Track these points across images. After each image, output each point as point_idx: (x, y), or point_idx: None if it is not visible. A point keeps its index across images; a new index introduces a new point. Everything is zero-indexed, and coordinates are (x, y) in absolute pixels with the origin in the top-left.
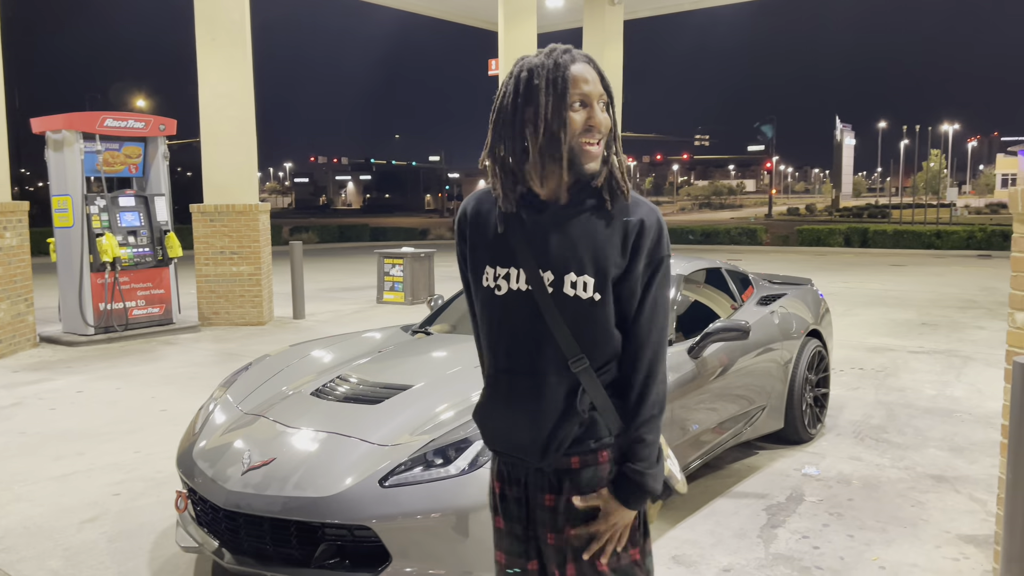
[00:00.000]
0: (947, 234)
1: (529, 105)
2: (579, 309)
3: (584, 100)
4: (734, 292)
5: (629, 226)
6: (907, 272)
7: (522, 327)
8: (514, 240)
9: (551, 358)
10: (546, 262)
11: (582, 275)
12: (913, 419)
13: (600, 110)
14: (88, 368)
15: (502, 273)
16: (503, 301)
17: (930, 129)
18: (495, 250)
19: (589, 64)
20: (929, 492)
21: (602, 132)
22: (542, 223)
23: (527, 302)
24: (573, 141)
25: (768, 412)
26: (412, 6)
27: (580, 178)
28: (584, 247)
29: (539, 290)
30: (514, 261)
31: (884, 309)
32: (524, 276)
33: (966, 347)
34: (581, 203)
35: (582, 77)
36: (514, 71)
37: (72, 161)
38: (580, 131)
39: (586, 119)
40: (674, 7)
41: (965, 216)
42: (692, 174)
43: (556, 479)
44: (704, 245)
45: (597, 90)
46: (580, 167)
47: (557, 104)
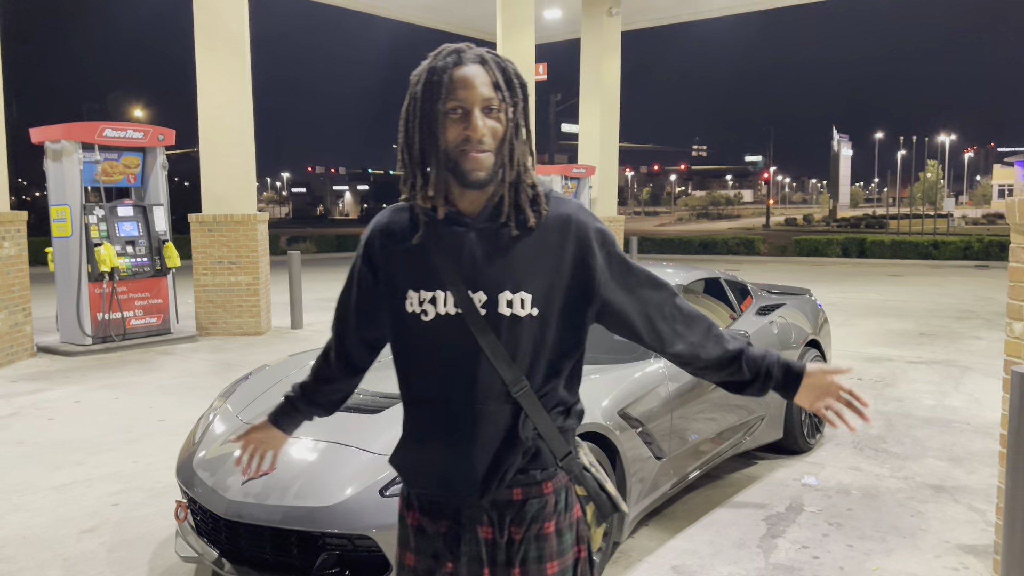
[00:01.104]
0: (944, 244)
1: (413, 113)
2: (516, 328)
3: (462, 107)
4: (733, 302)
5: (568, 230)
6: (905, 282)
7: (455, 354)
8: (438, 260)
9: (489, 385)
10: (476, 282)
11: (518, 292)
12: (912, 429)
13: (482, 116)
14: (86, 378)
15: (427, 297)
16: (431, 327)
17: (927, 140)
18: (417, 272)
19: (481, 65)
20: (928, 502)
21: (486, 142)
22: (468, 240)
23: (458, 327)
24: (451, 150)
25: (767, 422)
26: (410, 17)
27: (477, 187)
28: (518, 261)
29: (470, 313)
30: (440, 283)
31: (882, 319)
32: (452, 299)
33: (964, 357)
34: (505, 215)
35: (462, 81)
36: (411, 79)
37: (71, 171)
38: (457, 140)
39: (463, 127)
40: (671, 18)
41: (962, 227)
42: (690, 184)
43: (496, 513)
44: (702, 255)
45: (481, 94)
46: (465, 176)
47: (429, 112)
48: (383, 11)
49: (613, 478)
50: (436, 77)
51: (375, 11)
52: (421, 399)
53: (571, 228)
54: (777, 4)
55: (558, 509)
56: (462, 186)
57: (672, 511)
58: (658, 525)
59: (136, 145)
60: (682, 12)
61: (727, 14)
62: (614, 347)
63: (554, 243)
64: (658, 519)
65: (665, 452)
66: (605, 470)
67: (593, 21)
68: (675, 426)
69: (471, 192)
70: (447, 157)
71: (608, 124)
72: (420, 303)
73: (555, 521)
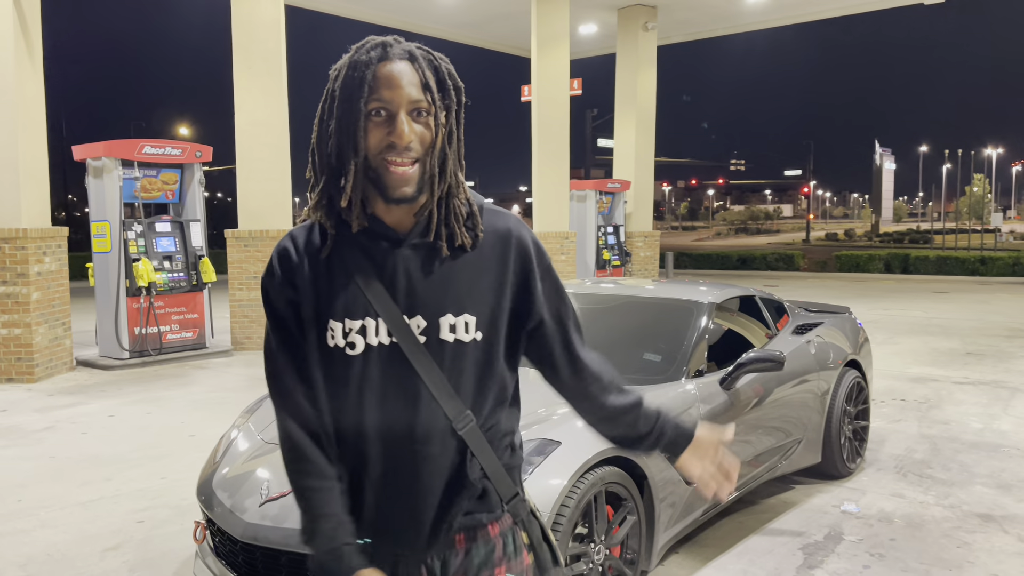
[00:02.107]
0: (992, 260)
1: (329, 113)
2: (461, 356)
3: (386, 108)
4: (768, 321)
5: (508, 244)
6: (950, 299)
7: (390, 390)
8: (365, 283)
9: (431, 422)
10: (413, 306)
11: (461, 314)
12: (958, 454)
13: (410, 120)
14: (121, 392)
15: (355, 327)
16: (361, 361)
17: (972, 153)
18: (339, 299)
19: (410, 61)
20: (976, 532)
21: (413, 149)
22: (400, 259)
23: (393, 358)
24: (372, 157)
25: (805, 445)
26: (445, 34)
27: (404, 203)
28: (458, 280)
29: (408, 341)
30: (369, 310)
31: (927, 337)
32: (386, 327)
33: (1013, 378)
34: (433, 232)
35: (387, 79)
36: (330, 73)
37: (111, 188)
38: (379, 147)
39: (387, 132)
40: (707, 32)
41: (1010, 242)
42: (728, 199)
43: (439, 562)
44: (740, 271)
45: (408, 95)
46: (388, 192)
47: (348, 112)
48: (420, 28)
49: (641, 504)
50: (358, 73)
51: (412, 28)
52: (353, 443)
53: (512, 243)
54: (814, 17)
55: (507, 553)
56: (385, 201)
57: (704, 538)
58: (689, 553)
59: (174, 162)
60: (718, 26)
61: (764, 27)
62: (642, 367)
63: (494, 259)
64: (689, 546)
65: None
66: (632, 496)
67: (628, 36)
68: None
69: (398, 207)
70: (367, 165)
71: (643, 138)
72: (345, 335)
73: (505, 567)
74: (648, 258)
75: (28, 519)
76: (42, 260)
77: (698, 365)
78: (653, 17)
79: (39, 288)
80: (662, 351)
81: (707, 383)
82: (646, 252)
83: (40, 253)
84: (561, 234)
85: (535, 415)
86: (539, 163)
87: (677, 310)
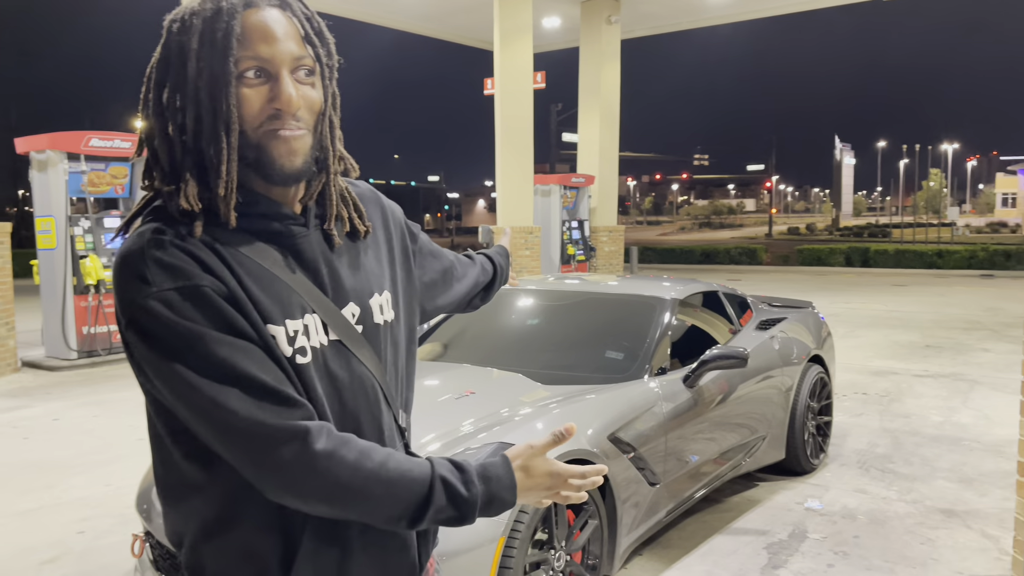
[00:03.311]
0: (949, 253)
1: (181, 77)
2: (390, 339)
3: (265, 67)
4: (732, 316)
5: (385, 211)
6: (909, 292)
7: (347, 397)
8: (288, 277)
9: (389, 424)
10: (342, 293)
11: (383, 292)
12: (920, 447)
13: (295, 81)
14: (68, 394)
15: (298, 328)
16: (314, 370)
17: (930, 148)
18: (271, 300)
19: (281, 8)
20: (939, 528)
21: (302, 118)
22: (314, 244)
23: (338, 359)
24: (253, 134)
25: (769, 442)
26: (406, 26)
27: (292, 182)
28: (367, 257)
29: (348, 334)
30: (305, 307)
31: (887, 331)
32: (322, 323)
33: (972, 370)
34: (333, 209)
35: (262, 29)
36: (165, 24)
37: (56, 182)
38: (260, 118)
39: (268, 98)
40: (672, 26)
41: (967, 235)
42: (692, 194)
43: None
44: (704, 265)
45: (291, 51)
46: (273, 166)
47: (212, 76)
48: (380, 20)
49: (603, 507)
50: (221, 22)
51: (372, 20)
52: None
53: (388, 213)
54: (775, 12)
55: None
56: (267, 181)
57: (668, 539)
58: (652, 555)
59: (123, 155)
60: (682, 20)
61: (727, 22)
62: (604, 366)
63: (379, 229)
64: (653, 548)
65: (660, 476)
66: (593, 499)
67: (592, 29)
68: (671, 448)
69: (280, 188)
70: (245, 142)
71: (608, 133)
72: (291, 339)
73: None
74: (613, 253)
75: None
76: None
77: (661, 363)
78: (616, 11)
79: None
80: (625, 349)
81: (670, 381)
82: (611, 247)
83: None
84: (526, 229)
85: (497, 416)
86: (503, 157)
87: (640, 306)
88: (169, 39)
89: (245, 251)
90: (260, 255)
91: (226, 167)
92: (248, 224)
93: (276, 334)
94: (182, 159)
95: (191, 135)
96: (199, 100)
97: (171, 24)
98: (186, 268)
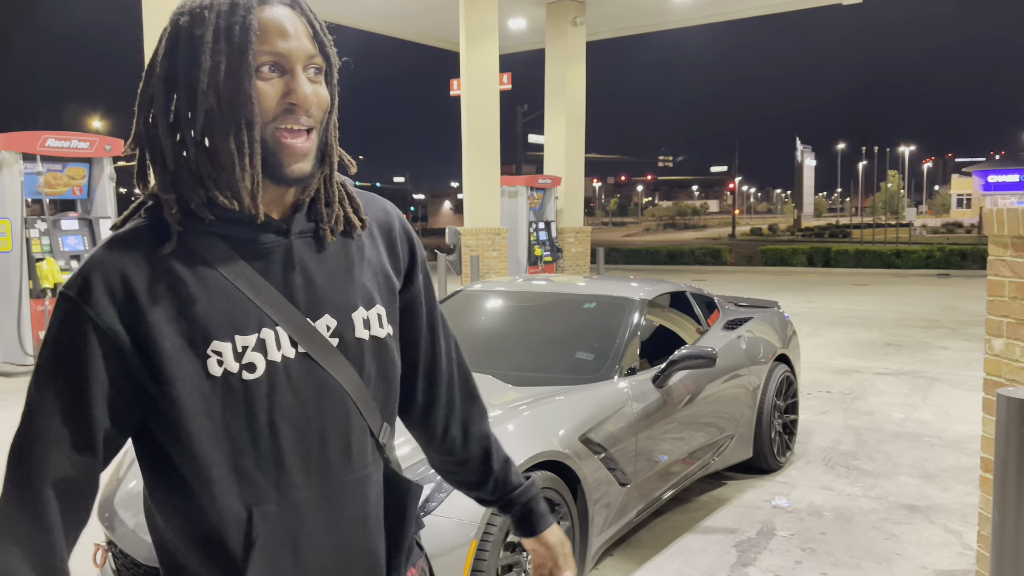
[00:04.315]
0: (907, 253)
1: (191, 69)
2: (376, 355)
3: (280, 62)
4: (700, 316)
5: (392, 227)
6: (870, 291)
7: (312, 411)
8: (252, 288)
9: (363, 442)
10: (317, 305)
11: (373, 307)
12: (883, 444)
13: (309, 79)
14: (23, 401)
15: (249, 343)
16: (266, 384)
17: (888, 151)
18: (223, 314)
19: (293, 8)
20: (903, 523)
21: (313, 115)
22: (291, 252)
23: (306, 372)
24: (265, 129)
25: (737, 441)
26: (370, 26)
27: (298, 183)
28: (360, 268)
29: (320, 348)
30: (264, 320)
31: (849, 329)
32: (288, 336)
33: (931, 368)
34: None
35: (277, 26)
36: (172, 18)
37: (11, 183)
38: (275, 112)
39: (283, 93)
40: (636, 28)
41: (923, 235)
42: (657, 195)
43: None
44: (670, 266)
45: (304, 48)
46: (282, 167)
47: (230, 66)
48: (345, 20)
49: (575, 508)
50: (238, 16)
51: (338, 20)
52: (262, 499)
53: (396, 225)
54: (739, 15)
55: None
56: (275, 182)
57: (638, 539)
58: (623, 555)
59: (82, 156)
60: (646, 22)
61: (690, 24)
62: (574, 366)
63: (383, 243)
64: (623, 548)
65: (631, 477)
66: (565, 500)
67: (557, 31)
68: (641, 448)
69: (277, 188)
70: (261, 137)
71: (574, 135)
72: (239, 356)
73: None
74: (580, 254)
75: None
76: None
77: (631, 363)
78: (582, 12)
79: None
80: (594, 349)
81: (640, 381)
82: (577, 248)
83: None
84: (493, 230)
85: None
86: (469, 158)
87: (609, 307)
88: (177, 32)
89: (213, 260)
90: (226, 265)
91: (249, 159)
92: (222, 229)
93: (220, 349)
94: (192, 156)
95: (200, 130)
96: (215, 94)
97: (178, 17)
98: (88, 298)
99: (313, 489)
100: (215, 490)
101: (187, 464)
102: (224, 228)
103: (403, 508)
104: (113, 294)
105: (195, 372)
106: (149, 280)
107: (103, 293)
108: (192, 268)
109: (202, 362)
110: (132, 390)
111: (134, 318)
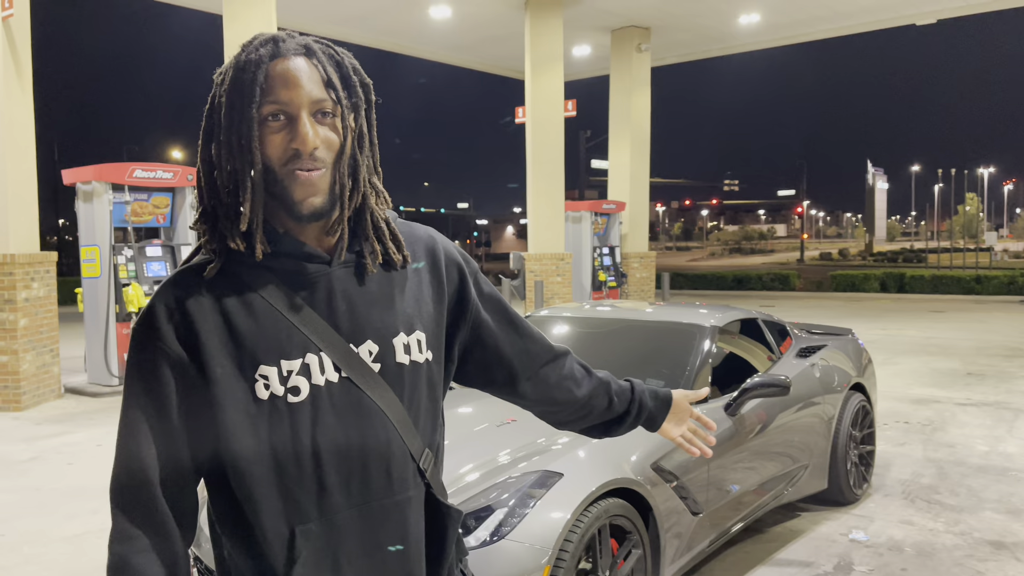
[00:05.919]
0: (987, 279)
1: (217, 124)
2: (417, 379)
3: (284, 111)
4: (771, 344)
5: (436, 252)
6: (947, 318)
7: (353, 434)
8: (297, 316)
9: (404, 465)
10: (360, 330)
11: (413, 332)
12: (966, 478)
13: (314, 123)
14: (110, 420)
15: (294, 368)
16: (310, 407)
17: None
18: (270, 340)
19: (307, 57)
20: (988, 560)
21: (320, 157)
22: (334, 281)
23: (348, 396)
24: (276, 168)
25: (811, 471)
26: (439, 56)
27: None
28: (402, 295)
29: (361, 372)
30: (308, 346)
31: (926, 358)
32: (331, 361)
33: (1016, 399)
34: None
35: (284, 77)
36: (214, 78)
37: (101, 212)
38: (284, 157)
39: (289, 139)
40: (702, 53)
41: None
42: (722, 219)
43: None
44: (736, 291)
45: (310, 94)
46: (296, 206)
47: (240, 120)
48: (413, 51)
49: (647, 537)
50: (248, 74)
51: (406, 51)
52: (304, 518)
53: (440, 254)
54: (807, 38)
55: None
56: (294, 219)
57: (709, 570)
58: None
59: (165, 185)
60: (711, 47)
61: (756, 48)
62: None
63: (427, 271)
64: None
65: (702, 506)
66: (637, 528)
67: (622, 57)
68: (712, 477)
69: (304, 225)
70: (272, 179)
71: (638, 159)
72: (284, 379)
73: None
74: (644, 279)
75: (11, 555)
76: (30, 286)
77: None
78: (647, 39)
79: (27, 314)
80: (664, 376)
81: (711, 409)
82: (642, 273)
83: (28, 279)
84: (557, 255)
85: (535, 445)
86: (534, 185)
87: (680, 334)
88: (215, 91)
89: (261, 290)
90: (272, 294)
91: (250, 205)
92: (270, 262)
93: (267, 373)
94: (225, 200)
95: (227, 176)
96: (230, 143)
97: (217, 77)
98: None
99: (353, 510)
100: (259, 508)
101: (235, 482)
102: (273, 261)
103: (443, 533)
104: (174, 322)
105: (244, 395)
106: (204, 310)
107: (165, 322)
108: (242, 298)
109: (250, 385)
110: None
111: (192, 343)
